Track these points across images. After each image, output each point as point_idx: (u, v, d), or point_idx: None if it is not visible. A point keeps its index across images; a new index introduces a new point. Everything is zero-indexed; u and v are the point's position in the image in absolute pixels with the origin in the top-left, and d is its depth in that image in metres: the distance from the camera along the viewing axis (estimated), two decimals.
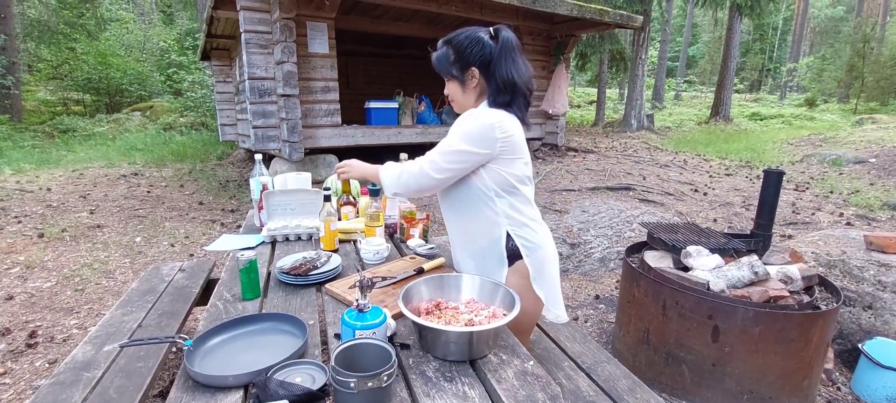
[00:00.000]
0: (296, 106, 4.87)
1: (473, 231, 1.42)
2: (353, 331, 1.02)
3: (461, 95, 1.42)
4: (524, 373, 1.02)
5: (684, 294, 1.93)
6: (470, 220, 1.42)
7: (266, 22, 4.81)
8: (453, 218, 1.48)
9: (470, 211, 1.41)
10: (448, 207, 1.48)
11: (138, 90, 14.08)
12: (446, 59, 1.38)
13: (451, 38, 1.37)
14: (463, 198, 1.41)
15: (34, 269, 3.35)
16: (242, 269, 1.36)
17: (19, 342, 2.42)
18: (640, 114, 11.90)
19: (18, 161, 7.19)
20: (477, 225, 1.41)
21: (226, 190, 5.99)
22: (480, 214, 1.39)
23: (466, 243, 1.47)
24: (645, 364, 2.12)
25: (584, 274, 3.43)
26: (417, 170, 1.35)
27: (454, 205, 1.45)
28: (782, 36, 32.58)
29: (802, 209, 4.96)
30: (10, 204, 4.79)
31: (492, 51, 1.32)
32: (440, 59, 1.39)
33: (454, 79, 1.40)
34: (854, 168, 6.96)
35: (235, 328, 1.17)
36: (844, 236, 2.77)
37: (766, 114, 16.41)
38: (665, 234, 2.33)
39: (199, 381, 0.96)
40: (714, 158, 7.89)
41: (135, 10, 20.76)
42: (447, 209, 1.49)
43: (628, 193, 5.14)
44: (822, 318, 1.84)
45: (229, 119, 8.75)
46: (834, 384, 2.19)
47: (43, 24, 14.15)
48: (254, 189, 2.06)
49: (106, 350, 1.51)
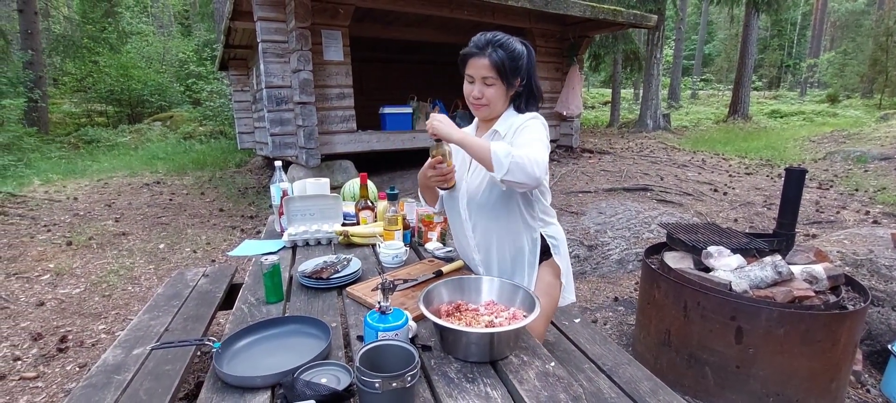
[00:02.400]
0: (312, 113, 4.94)
1: (510, 233, 1.45)
2: (376, 333, 1.04)
3: (501, 100, 1.40)
4: (546, 374, 1.02)
5: (706, 295, 1.90)
6: (508, 223, 1.44)
7: (282, 31, 4.90)
8: (486, 224, 1.47)
9: (510, 215, 1.43)
10: (481, 212, 1.46)
11: (159, 100, 14.45)
12: (505, 63, 1.33)
13: (502, 43, 1.33)
14: (507, 201, 1.42)
15: (64, 276, 3.46)
16: (266, 273, 1.39)
17: (51, 346, 2.50)
18: (656, 113, 11.75)
19: (46, 171, 7.44)
20: (513, 227, 1.44)
21: (245, 196, 6.10)
22: (519, 217, 1.43)
23: (499, 247, 1.48)
24: (666, 366, 2.10)
25: (601, 276, 3.40)
26: (526, 157, 1.20)
27: (492, 210, 1.44)
28: (801, 31, 31.85)
29: (826, 208, 4.84)
30: (40, 213, 4.95)
31: (533, 59, 1.42)
32: (501, 63, 1.33)
33: (503, 84, 1.37)
34: (880, 165, 6.76)
35: (261, 330, 1.20)
36: (871, 234, 2.70)
37: (787, 111, 16.04)
38: (685, 235, 2.30)
39: (228, 382, 0.99)
40: (733, 157, 7.75)
41: (154, 23, 21.32)
42: (481, 214, 1.47)
43: (645, 194, 5.08)
44: (849, 318, 1.80)
45: (247, 127, 8.92)
46: (863, 386, 2.13)
47: (67, 38, 14.64)
48: (274, 195, 2.10)
49: (135, 354, 1.56)
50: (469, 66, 1.38)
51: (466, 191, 1.48)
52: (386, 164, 6.53)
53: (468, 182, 1.48)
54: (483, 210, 1.46)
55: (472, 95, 1.41)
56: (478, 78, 1.37)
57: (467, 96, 1.42)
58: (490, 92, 1.38)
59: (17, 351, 2.44)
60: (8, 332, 2.64)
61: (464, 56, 1.39)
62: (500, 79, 1.36)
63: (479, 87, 1.38)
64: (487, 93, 1.38)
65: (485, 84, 1.37)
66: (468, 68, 1.39)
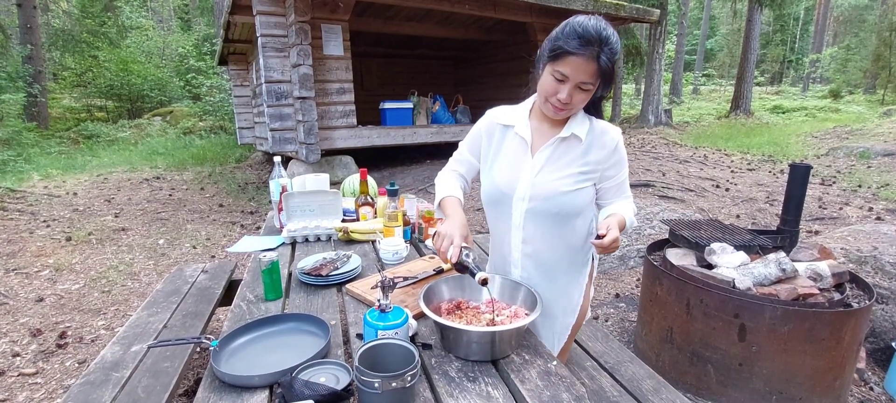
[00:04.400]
0: (312, 108, 4.92)
1: (570, 251, 1.30)
2: (375, 331, 1.02)
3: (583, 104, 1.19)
4: (548, 373, 1.01)
5: (709, 292, 1.89)
6: (571, 235, 1.28)
7: (282, 25, 4.87)
8: (542, 235, 1.27)
9: (576, 227, 1.28)
10: (543, 222, 1.25)
11: (159, 96, 14.42)
12: (611, 69, 1.11)
13: (610, 42, 1.08)
14: (581, 213, 1.27)
15: (63, 272, 3.45)
16: (265, 270, 1.37)
17: (50, 342, 2.49)
18: (657, 109, 11.72)
19: (46, 166, 7.42)
20: (575, 241, 1.29)
21: (245, 192, 6.09)
22: (581, 230, 1.30)
23: (549, 263, 1.31)
24: (668, 363, 2.09)
25: (603, 273, 3.38)
26: (634, 210, 1.30)
27: (562, 221, 1.25)
28: (804, 26, 31.69)
29: (829, 204, 4.82)
30: (39, 208, 4.94)
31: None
32: (609, 69, 1.10)
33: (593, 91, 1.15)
34: (883, 161, 6.73)
35: (259, 328, 1.18)
36: (875, 231, 2.68)
37: (789, 106, 15.98)
38: (687, 231, 2.28)
39: (226, 381, 0.97)
40: (735, 153, 7.72)
41: (154, 17, 21.23)
42: (540, 224, 1.26)
43: (647, 190, 5.06)
44: (854, 316, 1.78)
45: (247, 122, 8.91)
46: (866, 384, 2.12)
47: (67, 33, 14.60)
48: (273, 190, 2.09)
49: (133, 351, 1.54)
50: (564, 64, 1.08)
51: (529, 195, 1.23)
52: (386, 160, 6.51)
53: (535, 184, 1.22)
54: (546, 220, 1.24)
55: (557, 97, 1.12)
56: (574, 81, 1.09)
57: (548, 94, 1.14)
58: (580, 97, 1.13)
59: (15, 347, 2.44)
60: (7, 328, 2.63)
61: (561, 50, 1.08)
62: (600, 85, 1.13)
63: (571, 91, 1.11)
64: (576, 100, 1.13)
65: (580, 89, 1.11)
66: (561, 65, 1.08)
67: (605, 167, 1.23)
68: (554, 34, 1.13)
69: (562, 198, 1.21)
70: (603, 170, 1.24)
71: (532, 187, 1.22)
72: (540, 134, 1.26)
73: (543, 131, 1.26)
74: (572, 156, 1.22)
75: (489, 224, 1.41)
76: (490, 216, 1.38)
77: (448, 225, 1.20)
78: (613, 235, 1.11)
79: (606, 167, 1.23)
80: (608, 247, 1.12)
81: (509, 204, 1.27)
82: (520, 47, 6.85)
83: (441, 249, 1.16)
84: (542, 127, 1.26)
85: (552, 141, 1.22)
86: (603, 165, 1.23)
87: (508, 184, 1.26)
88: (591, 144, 1.22)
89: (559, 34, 1.11)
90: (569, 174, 1.21)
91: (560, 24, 1.13)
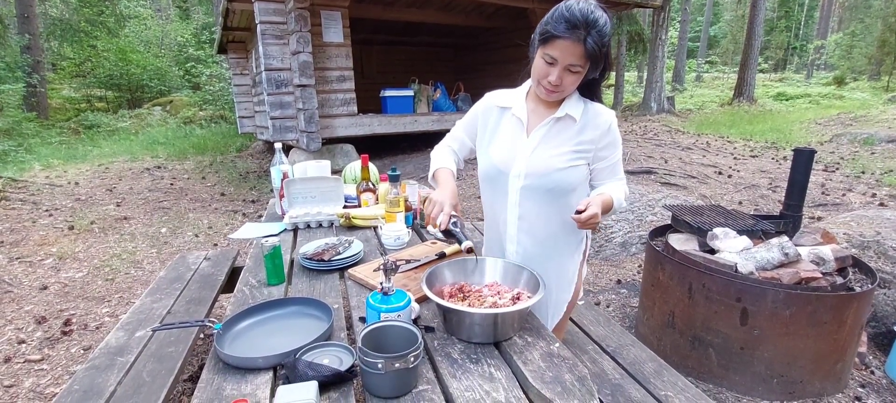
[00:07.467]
0: (312, 96, 4.89)
1: (565, 222, 1.28)
2: (378, 314, 1.02)
3: (575, 85, 1.21)
4: (550, 355, 1.01)
5: (711, 276, 1.89)
6: (565, 211, 1.27)
7: (281, 12, 4.83)
8: (537, 212, 1.29)
9: (570, 204, 1.27)
10: (539, 199, 1.28)
11: (158, 85, 14.37)
12: (599, 50, 1.12)
13: (598, 25, 1.09)
14: (575, 189, 1.28)
15: (66, 260, 3.46)
16: (267, 255, 1.37)
17: (55, 329, 2.51)
18: (660, 96, 11.64)
19: (47, 157, 7.42)
20: (569, 217, 1.26)
21: (246, 181, 6.08)
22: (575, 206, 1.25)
23: (545, 241, 1.33)
24: (670, 347, 2.09)
25: (604, 259, 3.38)
26: (627, 191, 1.34)
27: (552, 197, 1.27)
28: (809, 12, 31.31)
29: (832, 190, 4.80)
30: (42, 198, 4.95)
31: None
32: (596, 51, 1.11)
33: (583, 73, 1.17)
34: (887, 147, 6.69)
35: (262, 312, 1.18)
36: (878, 216, 2.67)
37: (792, 93, 15.86)
38: (690, 216, 2.28)
39: (230, 363, 0.98)
40: (738, 140, 7.68)
41: (152, 5, 21.07)
42: (536, 200, 1.28)
43: (649, 177, 5.04)
44: (856, 300, 1.78)
45: (247, 111, 8.87)
46: (867, 367, 2.12)
47: (65, 22, 14.49)
48: (275, 177, 2.08)
49: (138, 336, 1.55)
50: (553, 47, 1.11)
51: (525, 172, 1.25)
52: (387, 148, 6.50)
53: (531, 162, 1.25)
54: (541, 196, 1.27)
55: (548, 79, 1.16)
56: (563, 64, 1.13)
57: (540, 77, 1.18)
58: (570, 79, 1.16)
59: (21, 334, 2.45)
60: (12, 315, 2.65)
61: (549, 34, 1.12)
62: (590, 67, 1.16)
63: (560, 73, 1.14)
64: (567, 82, 1.16)
65: (570, 71, 1.14)
66: (550, 48, 1.12)
67: (599, 147, 1.26)
68: (545, 18, 1.16)
69: (556, 175, 1.24)
70: (596, 150, 1.27)
71: (528, 164, 1.25)
72: (536, 115, 1.29)
73: (539, 112, 1.29)
74: (567, 136, 1.25)
75: (485, 202, 1.44)
76: (486, 194, 1.40)
77: (439, 193, 1.27)
78: (592, 211, 1.16)
79: (600, 147, 1.26)
80: (585, 223, 1.17)
81: (506, 182, 1.30)
82: (521, 34, 6.79)
83: (432, 215, 1.22)
84: (538, 108, 1.29)
85: (547, 120, 1.25)
86: (596, 145, 1.26)
87: (505, 162, 1.29)
88: (586, 125, 1.25)
89: (549, 18, 1.14)
90: (563, 152, 1.24)
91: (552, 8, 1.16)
